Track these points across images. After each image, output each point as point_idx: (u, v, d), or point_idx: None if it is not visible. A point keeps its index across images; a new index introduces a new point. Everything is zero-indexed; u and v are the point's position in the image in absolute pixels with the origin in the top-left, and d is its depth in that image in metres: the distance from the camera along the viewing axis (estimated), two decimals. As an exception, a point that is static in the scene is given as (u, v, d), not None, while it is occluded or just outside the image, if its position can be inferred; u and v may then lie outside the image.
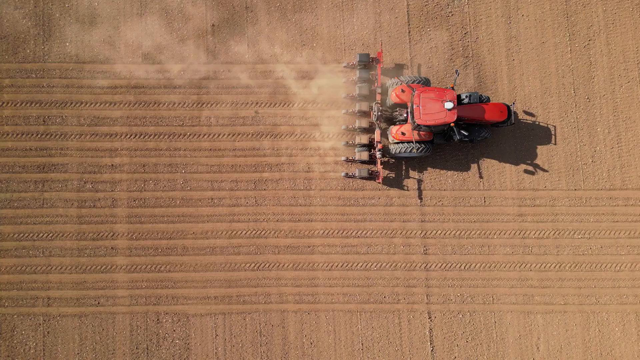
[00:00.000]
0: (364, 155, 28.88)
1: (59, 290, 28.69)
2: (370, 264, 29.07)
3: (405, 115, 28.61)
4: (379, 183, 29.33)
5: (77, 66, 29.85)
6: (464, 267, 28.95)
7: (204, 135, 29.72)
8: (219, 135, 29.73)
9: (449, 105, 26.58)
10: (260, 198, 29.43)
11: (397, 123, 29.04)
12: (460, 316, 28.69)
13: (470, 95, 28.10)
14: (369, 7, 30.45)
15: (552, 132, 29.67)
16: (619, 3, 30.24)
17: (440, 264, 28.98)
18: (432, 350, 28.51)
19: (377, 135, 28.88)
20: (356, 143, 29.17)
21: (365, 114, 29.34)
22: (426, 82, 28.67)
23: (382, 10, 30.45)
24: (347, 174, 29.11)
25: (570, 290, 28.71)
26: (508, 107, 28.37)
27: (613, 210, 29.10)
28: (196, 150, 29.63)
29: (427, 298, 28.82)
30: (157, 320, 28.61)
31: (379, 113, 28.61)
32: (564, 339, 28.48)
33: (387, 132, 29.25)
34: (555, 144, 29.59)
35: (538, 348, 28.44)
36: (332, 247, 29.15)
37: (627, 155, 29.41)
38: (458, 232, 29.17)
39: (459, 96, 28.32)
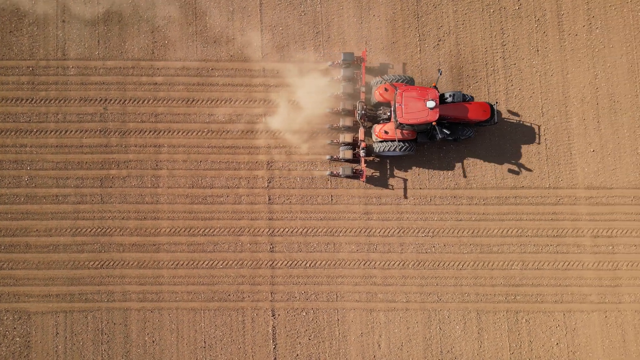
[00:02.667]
0: (348, 154, 28.75)
1: None
2: (216, 262, 29.03)
3: (388, 114, 28.57)
4: (363, 182, 29.24)
5: None
6: (310, 265, 29.03)
7: (51, 131, 29.46)
8: (66, 131, 29.48)
9: (431, 104, 26.75)
10: (106, 195, 29.23)
11: (381, 122, 28.93)
12: (304, 314, 28.76)
13: (453, 95, 28.23)
14: (222, 5, 30.43)
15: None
16: (470, 4, 30.57)
17: (286, 262, 29.03)
18: (274, 348, 28.54)
19: (360, 134, 28.82)
20: (340, 142, 29.06)
21: (349, 112, 29.22)
22: (410, 81, 28.70)
23: (235, 8, 30.47)
24: (331, 172, 28.99)
25: (413, 288, 28.92)
26: (491, 106, 28.51)
27: (457, 209, 29.39)
28: (42, 147, 29.36)
29: (272, 296, 28.85)
30: (-3, 318, 28.34)
31: (363, 112, 28.45)
32: (405, 336, 28.67)
33: (371, 131, 29.17)
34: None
35: (379, 345, 28.60)
36: (178, 245, 29.06)
37: (471, 155, 29.71)
38: (305, 230, 29.25)
39: (442, 95, 28.44)
